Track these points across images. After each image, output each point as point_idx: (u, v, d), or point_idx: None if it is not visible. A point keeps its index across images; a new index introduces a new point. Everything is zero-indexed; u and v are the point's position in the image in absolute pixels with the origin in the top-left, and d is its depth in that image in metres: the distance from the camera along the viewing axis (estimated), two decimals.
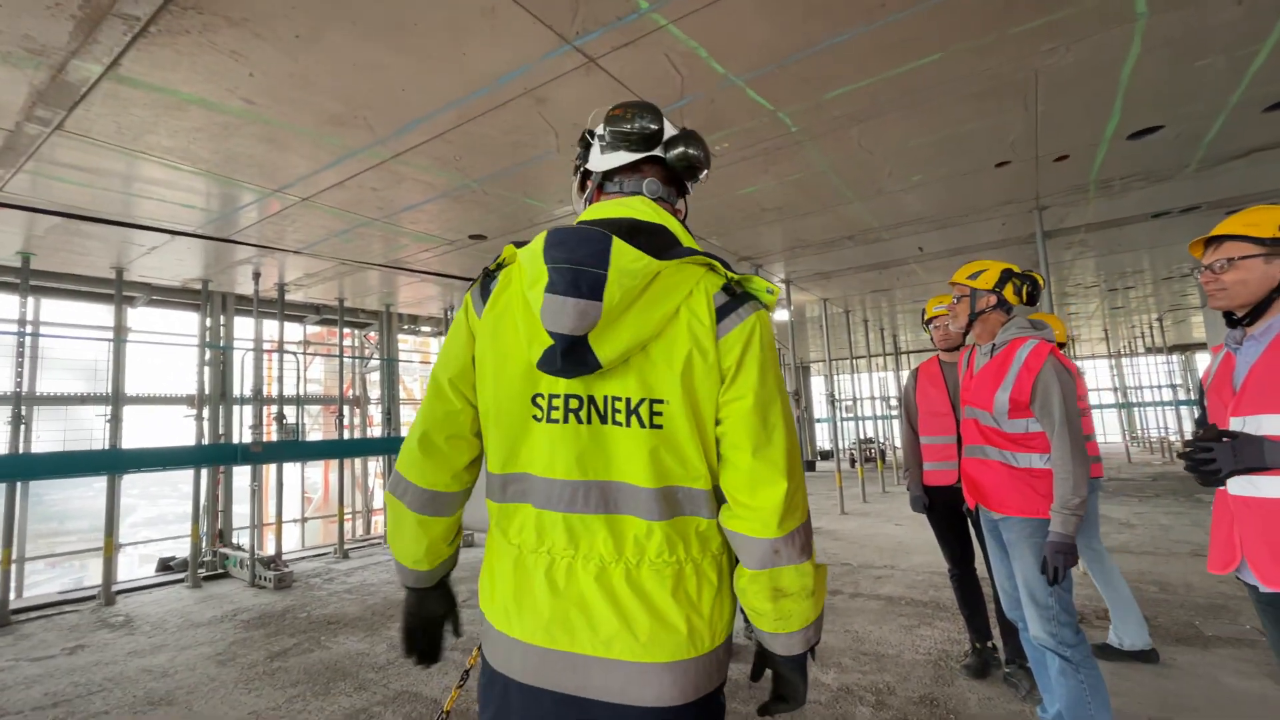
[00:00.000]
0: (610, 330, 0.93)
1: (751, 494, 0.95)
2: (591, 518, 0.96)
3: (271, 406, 7.20)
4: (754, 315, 0.98)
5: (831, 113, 3.35)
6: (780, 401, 0.99)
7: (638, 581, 0.94)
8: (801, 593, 0.95)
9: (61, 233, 4.72)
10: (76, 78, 2.68)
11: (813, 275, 7.00)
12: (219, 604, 4.99)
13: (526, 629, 0.97)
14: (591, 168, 1.15)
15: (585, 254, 0.92)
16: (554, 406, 0.99)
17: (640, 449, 0.95)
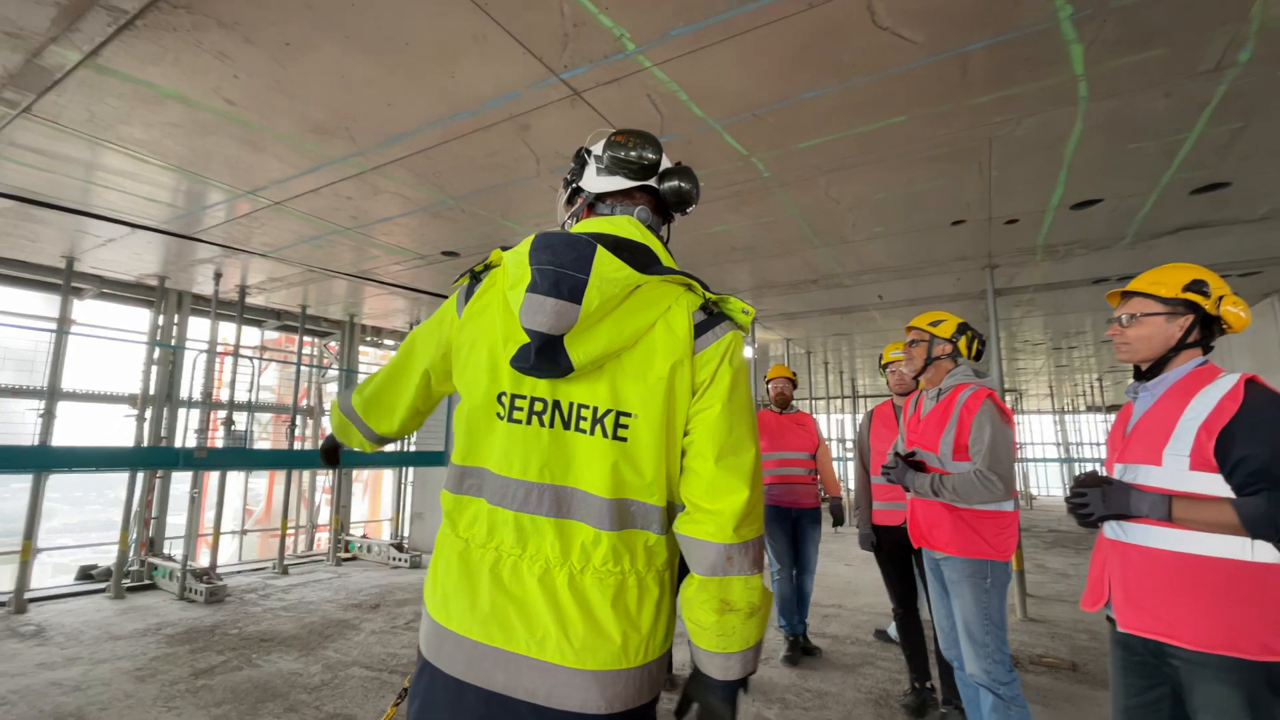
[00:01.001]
0: (586, 334, 0.96)
1: (712, 499, 0.97)
2: (543, 520, 0.98)
3: (220, 412, 6.95)
4: (730, 334, 1.02)
5: (802, 162, 3.52)
6: (749, 417, 1.02)
7: (580, 588, 0.96)
8: (747, 609, 0.95)
9: (12, 217, 4.55)
10: (52, 63, 2.64)
11: (778, 315, 7.20)
12: (143, 616, 4.72)
13: (464, 622, 0.97)
14: (586, 187, 1.19)
15: (569, 259, 0.96)
16: (517, 407, 1.01)
17: (601, 458, 0.98)
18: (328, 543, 7.57)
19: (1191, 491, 1.40)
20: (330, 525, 7.56)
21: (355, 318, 8.10)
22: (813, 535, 3.87)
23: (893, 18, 2.33)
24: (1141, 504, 1.45)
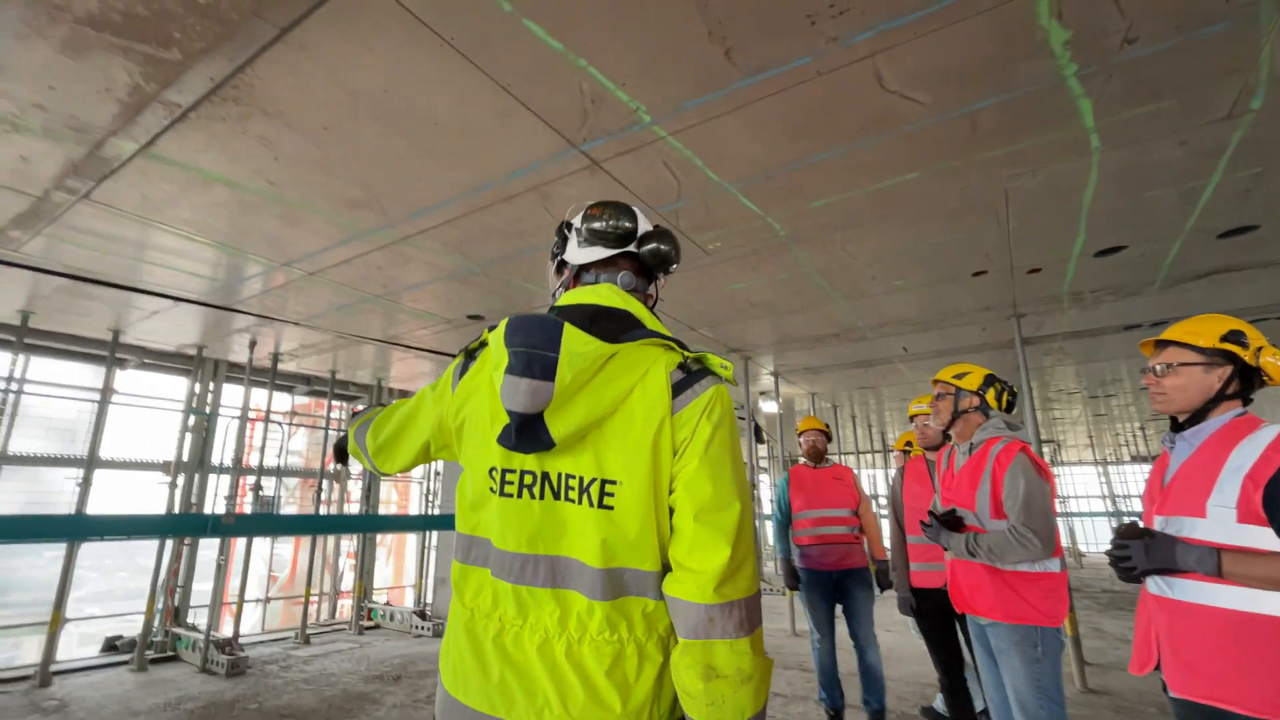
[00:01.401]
0: (563, 409, 0.98)
1: (690, 557, 0.95)
2: (540, 591, 0.99)
3: (249, 477, 7.04)
4: (709, 390, 1.02)
5: (817, 220, 3.58)
6: (732, 472, 1.00)
7: (577, 657, 0.96)
8: (736, 676, 0.91)
9: (66, 294, 4.80)
10: (111, 153, 2.85)
11: (801, 370, 7.15)
12: (163, 690, 4.65)
13: (469, 693, 0.99)
14: (569, 260, 1.23)
15: (540, 339, 0.99)
16: (508, 481, 1.04)
17: (590, 528, 0.98)
18: (351, 610, 7.45)
19: (1241, 545, 1.33)
20: (354, 592, 7.46)
21: (383, 381, 8.26)
22: (862, 599, 3.51)
23: (899, 81, 2.41)
24: (1188, 557, 1.37)
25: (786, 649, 5.79)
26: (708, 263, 4.10)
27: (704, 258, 4.02)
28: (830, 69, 2.34)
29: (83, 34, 2.14)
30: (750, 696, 0.92)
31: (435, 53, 2.26)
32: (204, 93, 2.45)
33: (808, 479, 3.79)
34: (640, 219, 1.22)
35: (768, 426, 10.00)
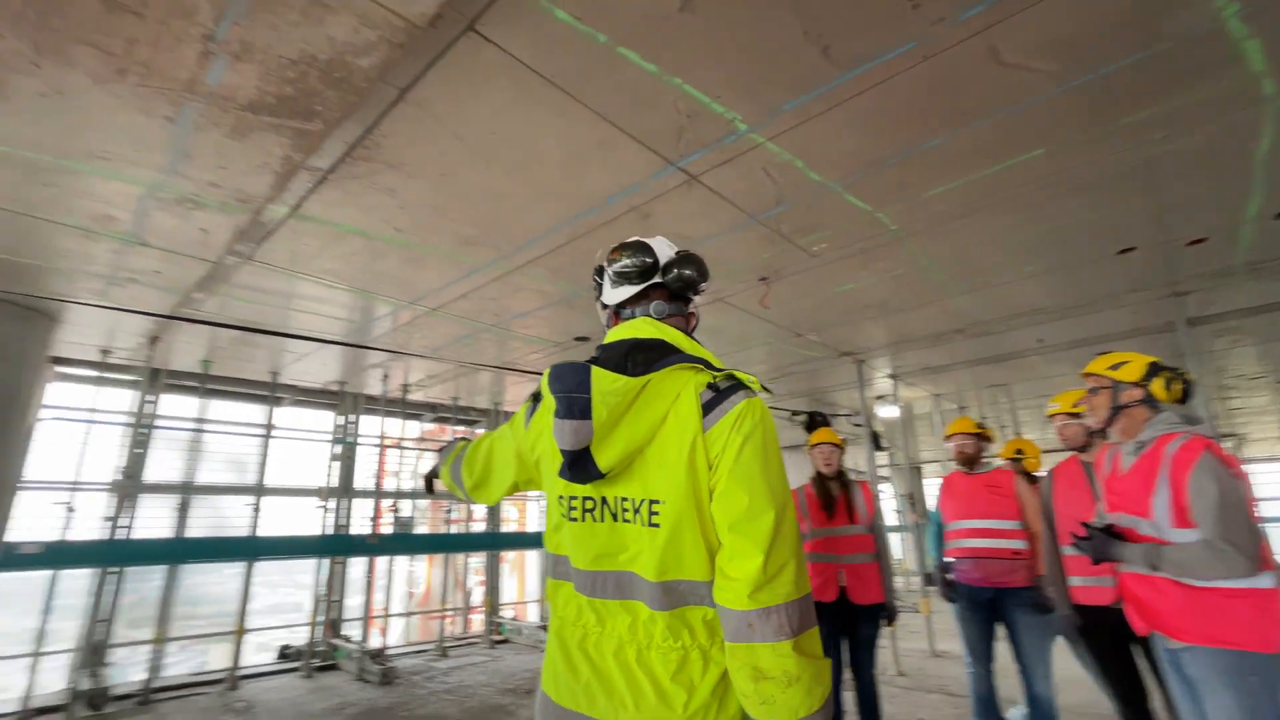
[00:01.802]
0: (606, 441, 1.08)
1: (729, 565, 1.01)
2: (612, 603, 1.10)
3: (386, 500, 7.65)
4: (740, 404, 1.08)
5: (931, 210, 3.36)
6: (765, 481, 1.04)
7: (646, 662, 1.05)
8: (783, 678, 0.95)
9: (236, 343, 5.51)
10: (269, 218, 3.24)
11: (920, 370, 6.71)
12: (328, 696, 5.12)
13: (561, 692, 1.12)
14: (605, 302, 1.35)
15: (574, 383, 1.10)
16: (573, 507, 1.17)
17: (645, 544, 1.08)
18: (482, 624, 7.85)
19: None
20: (484, 607, 7.86)
21: (499, 405, 8.71)
22: (1026, 622, 3.08)
23: (1019, 53, 2.22)
24: None
25: (928, 671, 5.38)
26: (813, 265, 3.97)
27: (809, 261, 3.90)
28: (938, 51, 2.20)
29: (245, 118, 2.47)
30: (801, 696, 0.96)
31: (537, 92, 2.37)
32: (340, 156, 2.73)
33: (959, 487, 3.46)
34: (660, 249, 1.30)
35: (886, 432, 9.45)
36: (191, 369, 6.28)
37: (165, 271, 3.91)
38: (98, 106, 2.38)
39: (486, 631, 7.51)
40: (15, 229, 3.32)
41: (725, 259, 3.85)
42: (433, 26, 2.04)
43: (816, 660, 0.99)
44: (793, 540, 1.03)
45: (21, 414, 4.41)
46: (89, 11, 1.95)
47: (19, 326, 4.33)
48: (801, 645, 0.98)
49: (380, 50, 2.14)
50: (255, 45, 2.11)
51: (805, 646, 0.99)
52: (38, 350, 4.56)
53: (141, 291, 4.22)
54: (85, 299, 4.30)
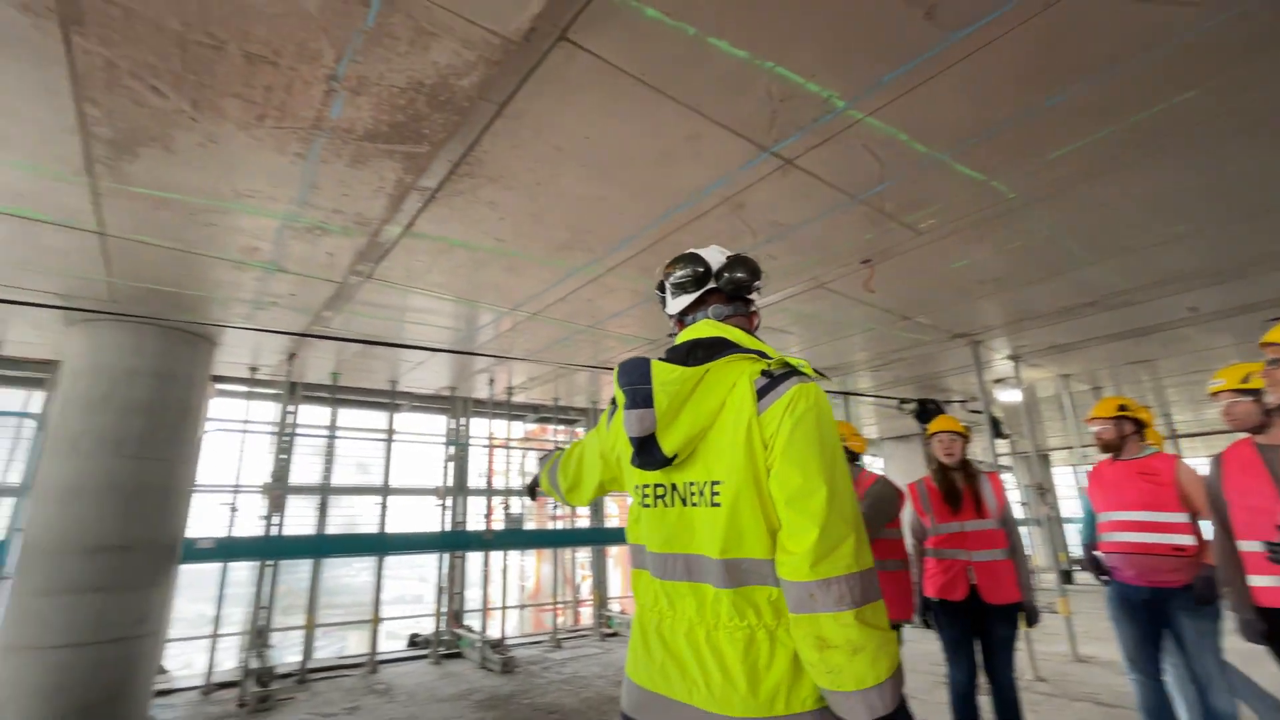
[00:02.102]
0: (669, 428, 1.17)
1: (788, 540, 1.07)
2: (682, 584, 1.17)
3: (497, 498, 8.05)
4: (794, 388, 1.13)
5: (1056, 173, 3.06)
6: (820, 460, 1.09)
7: (715, 642, 1.09)
8: (846, 646, 0.99)
9: (360, 356, 6.00)
10: (385, 238, 3.50)
11: (1045, 349, 6.14)
12: (456, 682, 5.47)
13: (640, 674, 1.20)
14: (668, 313, 1.47)
15: (637, 376, 1.21)
16: (646, 494, 1.27)
17: (710, 525, 1.14)
18: (591, 618, 8.07)
19: None
20: (592, 601, 8.08)
21: (596, 404, 8.91)
22: (1194, 626, 2.74)
23: None
24: None
25: (1071, 676, 4.93)
26: (920, 244, 3.73)
27: (915, 239, 3.67)
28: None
29: (363, 148, 2.67)
30: (867, 665, 0.98)
31: (627, 92, 2.39)
32: (446, 174, 2.89)
33: (1106, 475, 3.15)
34: (712, 257, 1.41)
35: (1008, 418, 8.75)
36: (323, 381, 6.91)
37: (299, 294, 4.32)
38: (242, 150, 2.67)
39: (596, 624, 7.72)
40: (181, 265, 3.79)
41: (824, 243, 3.71)
42: (527, 40, 2.11)
43: (881, 631, 1.02)
44: (849, 516, 1.07)
45: (193, 427, 5.05)
46: (234, 67, 2.19)
47: (188, 350, 4.94)
48: (864, 615, 1.01)
49: (479, 69, 2.24)
50: (370, 79, 2.27)
51: (868, 617, 1.01)
52: (202, 371, 5.19)
53: (281, 313, 4.70)
54: (236, 323, 4.85)
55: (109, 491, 4.35)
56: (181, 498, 4.92)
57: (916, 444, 10.77)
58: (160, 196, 3.02)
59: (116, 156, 2.70)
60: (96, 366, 4.54)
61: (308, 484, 6.73)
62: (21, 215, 3.17)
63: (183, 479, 4.93)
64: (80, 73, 2.20)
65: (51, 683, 3.95)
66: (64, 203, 3.06)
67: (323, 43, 2.10)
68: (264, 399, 6.79)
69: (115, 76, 2.23)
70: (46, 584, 4.10)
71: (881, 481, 3.20)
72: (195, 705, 4.89)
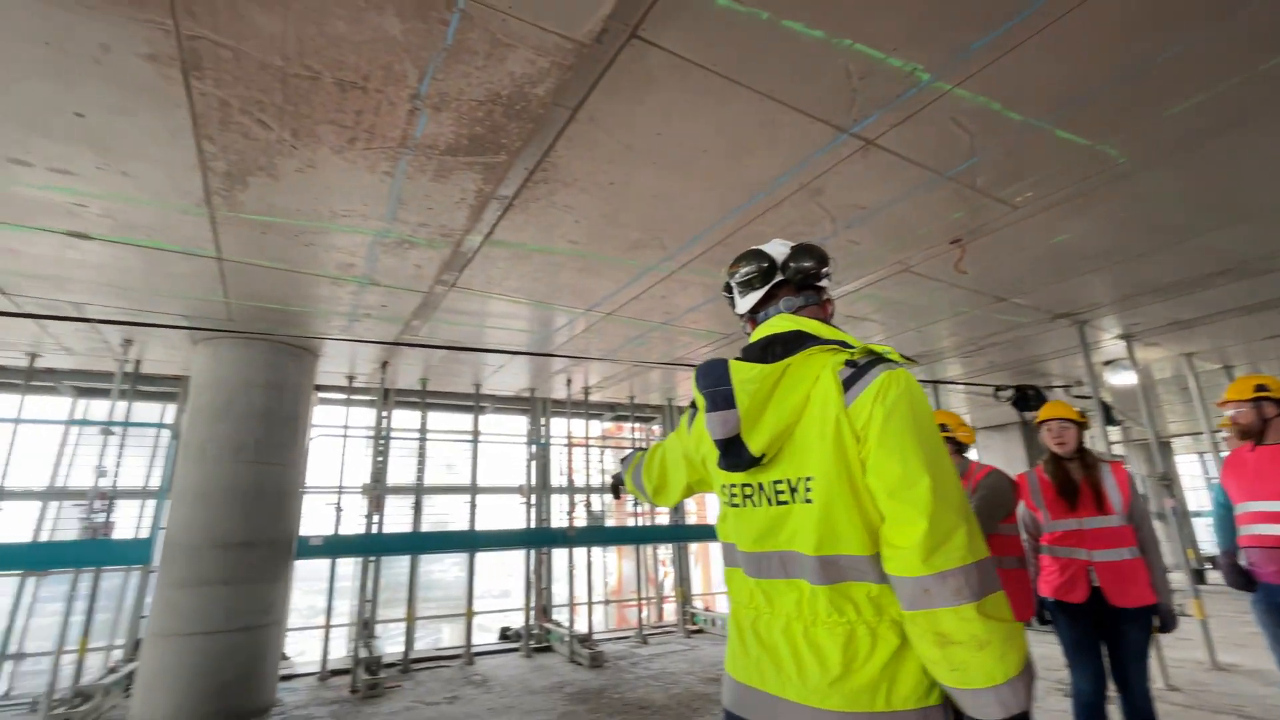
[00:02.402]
0: (754, 428, 1.15)
1: (894, 534, 1.02)
2: (779, 582, 1.15)
3: (579, 495, 8.21)
4: (881, 376, 1.09)
5: (1174, 132, 2.77)
6: (919, 448, 1.04)
7: (813, 637, 1.07)
8: (971, 642, 0.94)
9: (446, 361, 6.28)
10: (467, 248, 3.63)
11: (1164, 326, 5.59)
12: (547, 675, 5.62)
13: (737, 669, 1.20)
14: (738, 312, 1.44)
15: (715, 378, 1.19)
16: (733, 494, 1.26)
17: (803, 522, 1.11)
18: (675, 614, 8.09)
19: None
20: (676, 597, 8.10)
21: (672, 401, 8.91)
22: None
23: None
24: None
25: (1210, 687, 4.47)
26: (1016, 219, 3.48)
27: (1010, 215, 3.43)
28: None
29: (445, 162, 2.79)
30: (995, 660, 0.94)
31: (699, 84, 2.36)
32: (522, 181, 2.96)
33: (1248, 462, 2.84)
34: (775, 250, 1.38)
35: (1120, 403, 8.03)
36: (413, 386, 7.29)
37: (390, 305, 4.57)
38: (337, 173, 2.85)
39: (681, 621, 7.73)
40: (286, 283, 4.09)
41: (909, 225, 3.53)
42: (598, 42, 2.12)
43: (1006, 623, 0.97)
44: (958, 505, 1.02)
45: (302, 434, 5.46)
46: (329, 95, 2.33)
47: (295, 363, 5.35)
48: (986, 608, 0.96)
49: (553, 75, 2.28)
50: (450, 95, 2.36)
51: (990, 610, 0.97)
52: (307, 380, 5.60)
53: (374, 324, 4.99)
54: (335, 335, 5.19)
55: (233, 493, 4.78)
56: (294, 498, 5.33)
57: (1015, 433, 10.09)
58: (267, 221, 3.28)
59: (230, 187, 2.95)
60: (218, 380, 5.00)
61: (403, 484, 7.12)
62: (154, 247, 3.52)
63: (294, 481, 5.34)
64: (199, 113, 2.42)
65: (193, 666, 4.38)
66: (187, 233, 3.37)
67: (406, 64, 2.20)
68: (361, 405, 7.24)
69: (228, 114, 2.43)
70: (184, 577, 4.55)
71: (994, 473, 2.98)
72: (314, 690, 5.28)
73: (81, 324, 4.72)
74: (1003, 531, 2.93)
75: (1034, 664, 1.00)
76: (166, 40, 2.06)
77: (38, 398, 6.36)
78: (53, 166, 2.75)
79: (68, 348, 5.51)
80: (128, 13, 1.95)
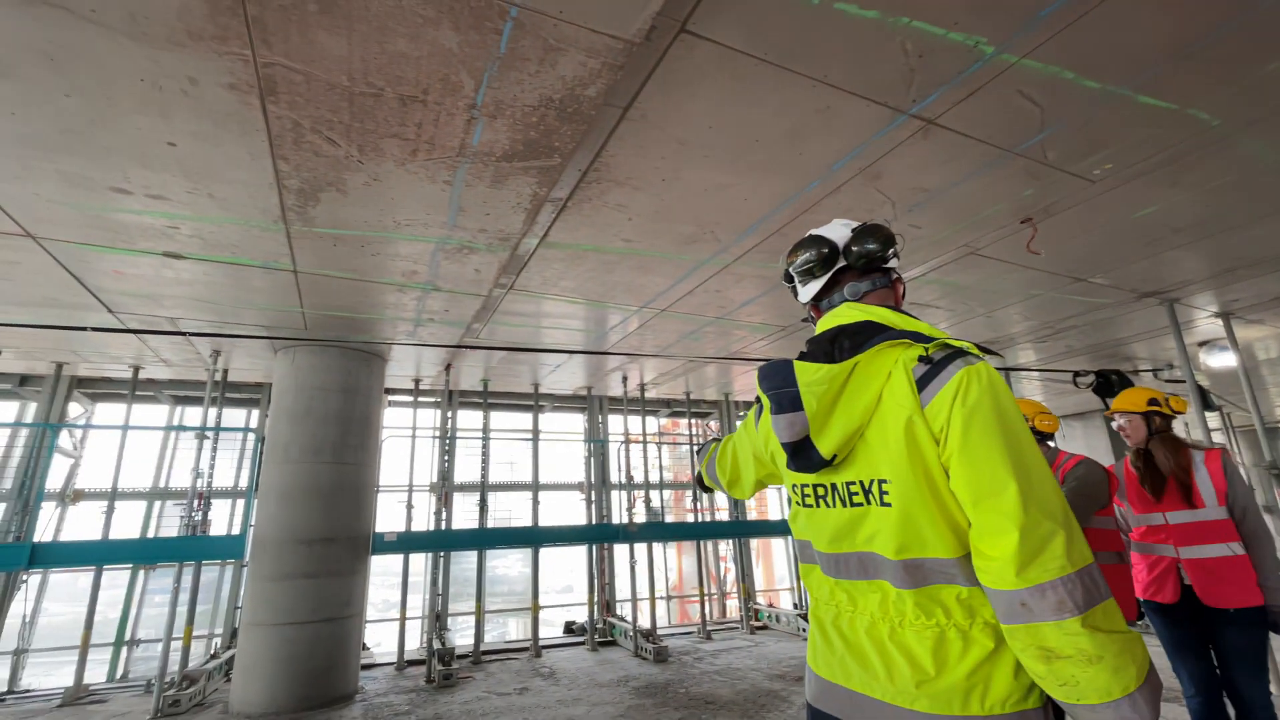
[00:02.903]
0: (823, 430, 1.11)
1: (983, 543, 0.96)
2: (860, 582, 1.11)
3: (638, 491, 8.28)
4: (959, 373, 1.02)
5: (1274, 89, 2.53)
6: (1003, 452, 0.97)
7: (901, 639, 1.03)
8: (1079, 656, 0.88)
9: (506, 362, 6.45)
10: (523, 250, 3.72)
11: (1268, 302, 5.12)
12: (613, 669, 5.70)
13: (820, 665, 1.18)
14: (801, 300, 1.39)
15: (780, 380, 1.16)
16: (805, 494, 1.22)
17: (881, 524, 1.06)
18: (738, 610, 8.04)
19: None
20: (738, 593, 8.05)
21: (729, 396, 8.85)
22: None
23: None
24: None
25: None
26: (1094, 194, 3.27)
27: (1088, 189, 3.22)
28: None
29: (501, 168, 2.86)
30: (1109, 674, 0.87)
31: (750, 74, 2.33)
32: (575, 183, 3.01)
33: None
34: (835, 233, 1.30)
35: (1220, 386, 7.43)
36: (475, 387, 7.52)
37: (452, 309, 4.73)
38: (400, 184, 2.97)
39: (744, 617, 7.68)
40: (355, 291, 4.30)
41: (975, 205, 3.37)
42: (647, 40, 2.13)
43: (1118, 635, 0.90)
44: (1054, 508, 0.94)
45: (374, 435, 5.73)
46: (391, 110, 2.44)
47: (365, 367, 5.62)
48: (1094, 621, 0.89)
49: (603, 76, 2.30)
50: (505, 102, 2.42)
51: (1099, 622, 0.89)
52: (378, 385, 5.87)
53: (437, 329, 5.17)
54: (401, 340, 5.41)
55: (313, 491, 5.07)
56: (369, 496, 5.60)
57: (1098, 422, 9.49)
58: (337, 234, 3.45)
59: (303, 204, 3.12)
60: (298, 385, 5.31)
61: (468, 482, 7.36)
62: (238, 263, 3.77)
63: (369, 480, 5.61)
64: (274, 135, 2.57)
65: (283, 654, 4.68)
66: (266, 248, 3.59)
67: (462, 75, 2.27)
68: (427, 407, 7.53)
69: (300, 134, 2.57)
70: (272, 571, 4.86)
71: (1085, 463, 2.73)
72: (392, 679, 5.55)
73: (177, 337, 5.11)
74: (1097, 525, 2.75)
75: (1157, 674, 0.93)
76: (245, 69, 2.21)
77: (142, 406, 6.94)
78: (150, 193, 2.98)
79: (165, 359, 5.98)
80: (212, 46, 2.10)
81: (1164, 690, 3.17)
